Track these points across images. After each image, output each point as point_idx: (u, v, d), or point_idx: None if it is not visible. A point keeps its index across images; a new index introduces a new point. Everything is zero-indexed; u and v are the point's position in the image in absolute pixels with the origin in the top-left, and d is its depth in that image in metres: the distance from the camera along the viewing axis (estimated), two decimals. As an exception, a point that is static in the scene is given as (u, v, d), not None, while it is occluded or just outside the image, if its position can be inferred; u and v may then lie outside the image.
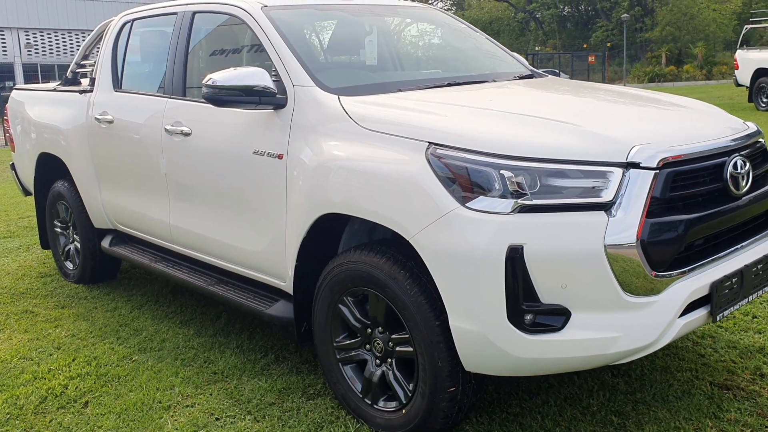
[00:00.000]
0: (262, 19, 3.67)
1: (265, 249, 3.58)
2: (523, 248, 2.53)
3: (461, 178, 2.67)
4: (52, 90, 5.56)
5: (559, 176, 2.60)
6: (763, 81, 17.10)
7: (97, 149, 4.86)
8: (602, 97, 3.65)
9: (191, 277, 4.22)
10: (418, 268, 2.86)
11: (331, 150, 3.14)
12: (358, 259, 3.05)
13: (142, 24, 4.80)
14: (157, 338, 4.31)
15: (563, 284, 2.56)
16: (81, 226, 5.29)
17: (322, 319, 3.30)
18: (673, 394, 3.36)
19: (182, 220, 4.15)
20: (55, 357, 4.11)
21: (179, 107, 4.06)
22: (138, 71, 4.83)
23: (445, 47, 4.45)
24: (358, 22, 4.27)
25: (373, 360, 3.16)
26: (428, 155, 2.76)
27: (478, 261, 2.58)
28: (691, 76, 39.25)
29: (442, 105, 3.20)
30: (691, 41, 42.31)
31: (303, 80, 3.40)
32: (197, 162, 3.89)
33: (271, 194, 3.45)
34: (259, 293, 3.81)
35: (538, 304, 2.58)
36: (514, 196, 2.58)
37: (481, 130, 2.79)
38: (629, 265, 2.55)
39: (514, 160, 2.62)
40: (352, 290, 3.13)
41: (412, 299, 2.83)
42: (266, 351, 4.05)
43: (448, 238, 2.64)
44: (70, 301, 5.12)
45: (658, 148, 2.67)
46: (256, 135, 3.52)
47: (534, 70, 4.32)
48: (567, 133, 2.76)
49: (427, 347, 2.82)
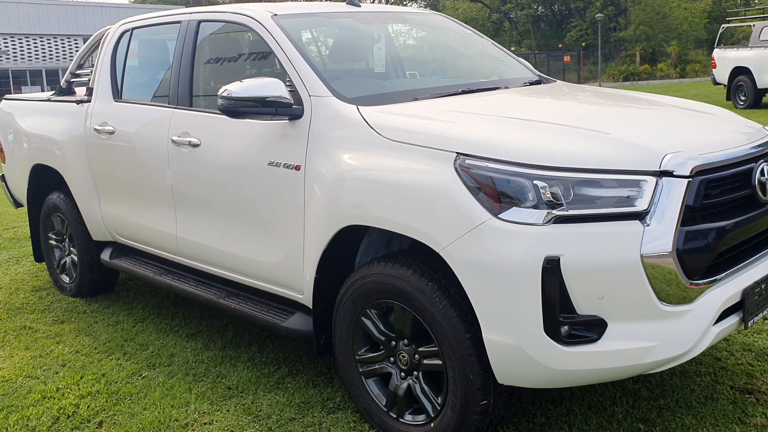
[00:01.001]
0: (273, 28, 3.61)
1: (280, 261, 3.52)
2: (560, 259, 2.50)
3: (492, 188, 2.63)
4: (46, 100, 5.44)
5: (593, 186, 2.58)
6: (740, 79, 17.32)
7: (96, 160, 4.76)
8: (621, 103, 3.63)
9: (199, 289, 4.14)
10: (447, 280, 2.82)
11: (353, 161, 3.09)
12: (382, 271, 3.01)
13: (143, 33, 4.71)
14: (165, 353, 4.22)
15: (600, 295, 2.54)
16: (78, 239, 5.18)
17: (343, 332, 3.24)
18: (696, 399, 3.36)
19: (190, 232, 4.08)
20: (62, 375, 4.01)
21: (186, 118, 3.99)
22: (139, 81, 4.74)
23: (453, 54, 4.42)
24: (367, 29, 4.22)
25: (397, 373, 3.12)
26: (457, 166, 2.72)
27: (513, 273, 2.55)
28: (665, 74, 39.66)
29: (465, 114, 3.16)
30: (664, 40, 42.77)
31: (320, 90, 3.35)
32: (207, 174, 3.82)
33: (287, 205, 3.40)
34: (273, 305, 3.75)
35: (574, 315, 2.55)
36: (549, 207, 2.55)
37: (510, 140, 2.76)
38: (665, 274, 2.54)
39: (547, 170, 2.59)
40: (375, 303, 3.08)
41: (442, 312, 2.79)
42: (279, 364, 3.98)
43: (480, 249, 2.61)
44: (69, 316, 5.01)
45: (689, 155, 2.66)
46: (271, 146, 3.46)
47: (541, 75, 4.30)
48: (598, 142, 2.74)
49: (458, 360, 2.78)
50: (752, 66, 16.86)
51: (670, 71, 39.91)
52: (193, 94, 4.04)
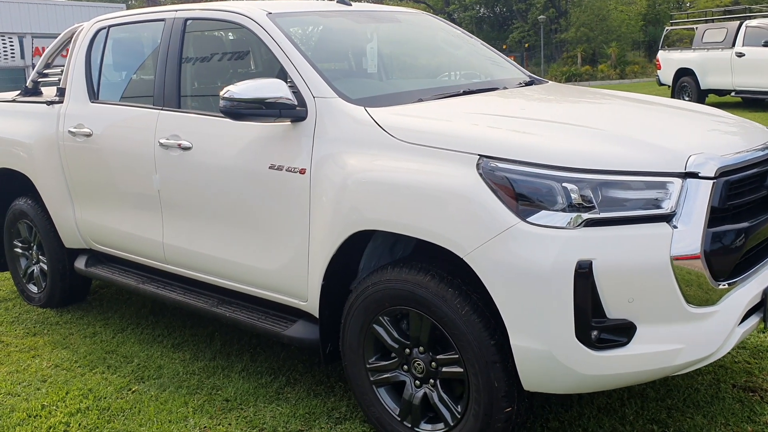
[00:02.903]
0: (271, 28, 3.50)
1: (281, 267, 3.40)
2: (592, 263, 2.47)
3: (519, 191, 2.58)
4: (11, 101, 5.17)
5: (622, 188, 2.56)
6: (684, 80, 17.79)
7: (70, 165, 4.54)
8: (628, 104, 3.62)
9: (188, 298, 3.99)
10: (467, 286, 2.77)
11: (364, 164, 3.00)
12: (397, 277, 2.93)
13: (121, 31, 4.51)
14: (152, 365, 4.05)
15: (630, 298, 2.52)
16: (49, 246, 4.94)
17: (353, 340, 3.15)
18: (702, 398, 3.38)
19: (179, 239, 3.92)
20: (45, 391, 3.81)
21: (175, 119, 3.83)
22: (118, 81, 4.54)
23: (448, 54, 4.36)
24: (360, 29, 4.13)
25: (412, 381, 3.04)
26: (481, 169, 2.66)
27: (544, 278, 2.50)
28: (605, 75, 40.51)
29: (479, 115, 3.11)
30: (604, 41, 43.70)
31: (324, 92, 3.25)
32: (200, 178, 3.67)
33: (290, 210, 3.29)
34: (271, 313, 3.63)
35: (605, 319, 2.53)
36: (579, 210, 2.52)
37: (535, 141, 2.72)
38: (693, 276, 2.53)
39: (575, 173, 2.56)
40: (389, 310, 3.00)
41: (464, 318, 2.73)
42: (275, 373, 3.86)
43: (508, 254, 2.56)
44: (41, 328, 4.78)
45: (712, 156, 2.67)
46: (272, 149, 3.34)
47: (532, 76, 4.29)
48: (623, 143, 2.72)
49: (481, 368, 2.73)
50: (695, 67, 17.33)
51: (611, 72, 40.80)
52: (181, 95, 3.88)
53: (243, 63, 3.94)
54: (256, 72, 4.01)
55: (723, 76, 16.52)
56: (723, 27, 16.94)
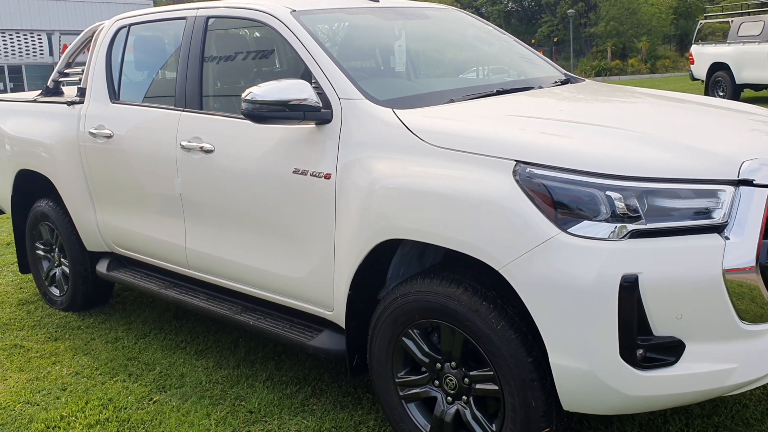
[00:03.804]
0: (294, 26, 3.35)
1: (306, 275, 3.27)
2: (638, 278, 2.29)
3: (559, 200, 2.42)
4: (32, 101, 5.10)
5: (670, 197, 2.38)
6: (719, 75, 17.38)
7: (91, 166, 4.45)
8: (674, 105, 3.42)
9: (211, 304, 3.87)
10: (502, 299, 2.61)
11: (393, 169, 2.85)
12: (428, 288, 2.77)
13: (141, 29, 4.40)
14: (174, 373, 3.94)
15: (678, 314, 2.34)
16: (70, 249, 4.86)
17: (381, 353, 3.01)
18: (752, 415, 3.19)
19: (201, 244, 3.80)
20: (64, 400, 3.72)
21: (197, 121, 3.71)
22: (139, 81, 4.43)
23: (479, 51, 4.19)
24: (388, 26, 3.97)
25: (443, 397, 2.89)
26: (517, 175, 2.50)
27: (586, 293, 2.33)
28: (636, 69, 39.99)
29: (515, 117, 2.94)
30: (634, 35, 43.12)
31: (350, 93, 3.10)
32: (222, 182, 3.55)
33: (315, 216, 3.15)
34: (295, 322, 3.50)
35: (651, 337, 2.36)
36: (623, 220, 2.35)
37: (576, 146, 2.55)
38: (747, 290, 2.35)
39: (620, 180, 2.38)
40: (419, 322, 2.85)
41: (499, 334, 2.57)
42: (300, 383, 3.73)
43: (548, 267, 2.39)
44: (62, 333, 4.70)
45: (766, 162, 2.47)
46: (296, 153, 3.20)
47: (567, 74, 4.10)
48: (671, 149, 2.54)
49: (518, 386, 2.57)
50: (731, 62, 16.92)
51: (641, 67, 40.26)
52: (203, 96, 3.76)
53: (266, 62, 3.80)
54: (281, 71, 3.88)
55: (759, 71, 16.10)
56: (760, 20, 16.50)
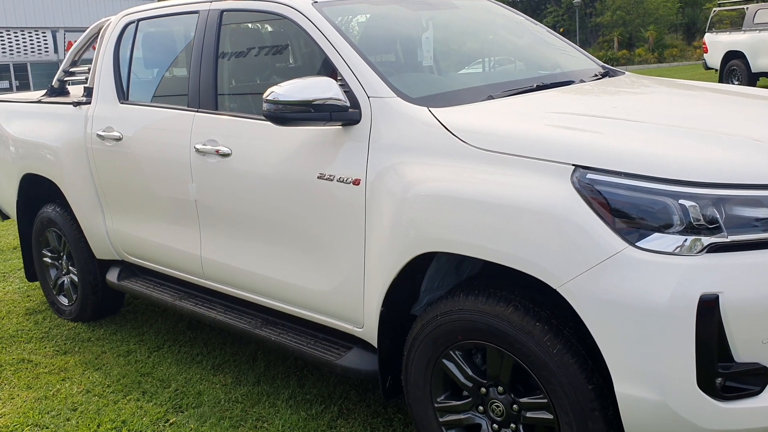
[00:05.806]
0: (316, 18, 3.09)
1: (333, 289, 3.02)
2: (719, 297, 2.03)
3: (625, 210, 2.16)
4: (36, 102, 4.85)
5: (752, 205, 2.11)
6: (734, 63, 17.03)
7: (100, 170, 4.20)
8: (737, 99, 3.14)
9: (229, 317, 3.62)
10: (557, 320, 2.35)
11: (430, 175, 2.59)
12: (472, 307, 2.52)
13: (151, 25, 4.14)
14: (191, 391, 3.70)
15: (764, 339, 2.08)
16: (79, 257, 4.62)
17: (418, 376, 2.76)
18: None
19: (218, 253, 3.55)
20: (74, 422, 3.47)
21: (212, 123, 3.45)
22: (149, 80, 4.18)
23: (512, 43, 3.92)
24: (415, 17, 3.71)
25: (489, 425, 2.64)
26: (577, 182, 2.24)
27: (659, 314, 2.07)
28: (643, 59, 39.56)
29: (567, 115, 2.67)
30: (641, 25, 42.70)
31: (381, 90, 2.84)
32: (240, 188, 3.30)
33: (342, 226, 2.89)
34: (320, 337, 3.26)
35: (732, 364, 2.10)
36: (699, 232, 2.09)
37: (642, 148, 2.28)
38: (843, 311, 2.08)
39: (695, 187, 2.12)
40: (462, 343, 2.60)
41: (556, 359, 2.31)
42: (325, 402, 3.48)
43: (614, 286, 2.13)
44: (72, 345, 4.46)
45: None
46: (321, 156, 2.95)
47: (605, 66, 3.84)
48: (748, 150, 2.27)
49: (576, 416, 2.31)
50: (746, 50, 16.56)
51: (648, 56, 39.82)
52: (218, 95, 3.50)
53: (286, 58, 3.55)
54: (301, 68, 3.62)
55: (776, 59, 15.77)
56: (777, 6, 16.17)
